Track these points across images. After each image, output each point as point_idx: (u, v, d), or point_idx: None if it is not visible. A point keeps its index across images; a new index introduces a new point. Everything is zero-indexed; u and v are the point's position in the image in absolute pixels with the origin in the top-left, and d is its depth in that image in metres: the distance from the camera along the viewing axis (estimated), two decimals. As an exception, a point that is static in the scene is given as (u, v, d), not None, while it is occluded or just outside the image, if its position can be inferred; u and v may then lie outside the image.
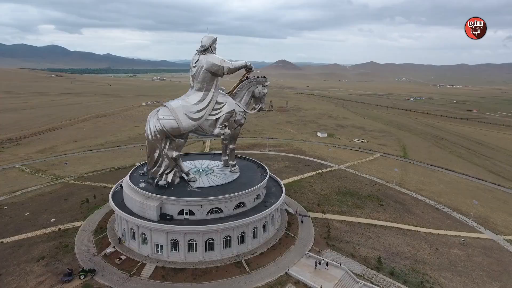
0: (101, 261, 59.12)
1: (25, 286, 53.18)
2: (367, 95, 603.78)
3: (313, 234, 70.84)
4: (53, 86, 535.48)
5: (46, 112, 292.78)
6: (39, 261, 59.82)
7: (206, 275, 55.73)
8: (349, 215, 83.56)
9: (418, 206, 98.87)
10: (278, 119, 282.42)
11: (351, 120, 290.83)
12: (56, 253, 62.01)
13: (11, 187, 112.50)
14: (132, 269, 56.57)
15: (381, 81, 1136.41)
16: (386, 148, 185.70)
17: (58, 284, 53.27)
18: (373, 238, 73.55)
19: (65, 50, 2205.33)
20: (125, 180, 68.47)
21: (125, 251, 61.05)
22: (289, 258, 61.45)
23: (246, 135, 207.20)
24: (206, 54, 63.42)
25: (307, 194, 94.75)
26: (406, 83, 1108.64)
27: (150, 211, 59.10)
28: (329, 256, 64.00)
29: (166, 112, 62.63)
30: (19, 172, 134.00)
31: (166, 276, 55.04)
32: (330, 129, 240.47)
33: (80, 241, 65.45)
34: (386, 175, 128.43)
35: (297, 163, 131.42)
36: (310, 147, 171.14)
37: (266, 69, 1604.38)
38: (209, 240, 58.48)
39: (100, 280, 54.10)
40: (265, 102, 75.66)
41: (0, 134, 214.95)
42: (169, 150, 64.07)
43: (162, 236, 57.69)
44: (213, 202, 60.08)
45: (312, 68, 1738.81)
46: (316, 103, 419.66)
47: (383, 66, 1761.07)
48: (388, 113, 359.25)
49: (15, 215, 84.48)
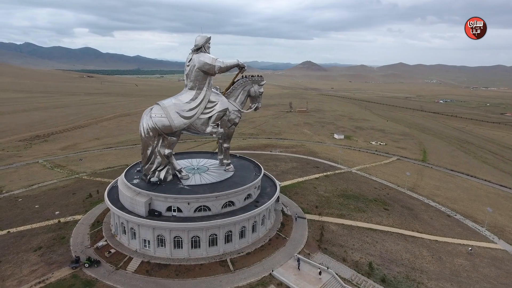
0: (92, 253, 61.06)
1: (19, 274, 55.95)
2: (394, 97, 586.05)
3: (306, 237, 69.38)
4: (84, 86, 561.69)
5: (74, 111, 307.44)
6: (36, 251, 62.78)
7: (189, 272, 56.07)
8: (349, 219, 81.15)
9: (428, 212, 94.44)
10: (296, 120, 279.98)
11: (372, 122, 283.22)
12: (53, 244, 64.84)
13: (30, 180, 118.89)
14: (119, 262, 58.02)
15: (410, 83, 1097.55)
16: (405, 151, 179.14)
17: (49, 273, 55.59)
18: (369, 243, 70.93)
19: (97, 52, 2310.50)
20: (121, 176, 70.39)
21: (115, 245, 62.72)
22: (276, 260, 60.53)
23: (261, 136, 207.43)
24: (199, 53, 63.98)
25: (308, 196, 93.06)
26: (436, 84, 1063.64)
27: (139, 207, 60.41)
28: (319, 259, 62.43)
29: (159, 110, 63.79)
30: (41, 167, 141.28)
31: (150, 271, 55.93)
32: (348, 131, 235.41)
33: (77, 234, 68.03)
34: (398, 179, 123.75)
35: (306, 164, 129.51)
36: (324, 149, 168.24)
37: (291, 71, 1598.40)
38: (195, 238, 58.81)
39: (88, 272, 55.89)
40: (261, 101, 74.99)
41: (30, 131, 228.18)
42: (161, 148, 65.20)
43: (149, 231, 58.76)
44: (200, 200, 60.39)
45: (338, 69, 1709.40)
46: (338, 105, 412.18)
47: (412, 67, 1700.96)
48: (414, 116, 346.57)
49: (26, 207, 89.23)
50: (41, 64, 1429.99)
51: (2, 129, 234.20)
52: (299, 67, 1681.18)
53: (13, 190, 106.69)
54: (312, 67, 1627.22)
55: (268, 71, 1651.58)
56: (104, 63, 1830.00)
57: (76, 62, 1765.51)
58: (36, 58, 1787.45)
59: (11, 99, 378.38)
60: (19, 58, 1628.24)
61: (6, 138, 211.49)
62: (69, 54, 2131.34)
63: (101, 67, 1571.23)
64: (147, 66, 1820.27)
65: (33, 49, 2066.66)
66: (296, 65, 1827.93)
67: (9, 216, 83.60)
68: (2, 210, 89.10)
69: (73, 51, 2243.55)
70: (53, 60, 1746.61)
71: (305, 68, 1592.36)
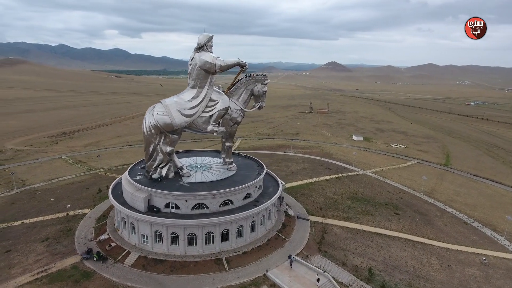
0: (94, 246, 62.97)
1: (24, 262, 58.67)
2: (421, 99, 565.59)
3: (307, 238, 68.04)
4: (111, 86, 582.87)
5: (100, 109, 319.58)
6: (43, 241, 65.62)
7: (184, 268, 56.47)
8: (355, 222, 78.83)
9: (443, 218, 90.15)
10: (315, 121, 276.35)
11: (394, 124, 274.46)
12: (59, 236, 67.51)
13: (51, 175, 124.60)
14: (118, 256, 59.43)
15: (439, 84, 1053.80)
16: (426, 155, 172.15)
17: (51, 263, 57.91)
18: (373, 248, 68.51)
19: (126, 53, 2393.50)
20: (126, 172, 72.15)
21: (116, 238, 64.33)
22: (272, 260, 59.73)
23: (278, 136, 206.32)
24: (200, 52, 64.38)
25: (315, 198, 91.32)
26: (468, 86, 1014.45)
27: (138, 202, 61.65)
28: (317, 262, 60.98)
29: (161, 108, 64.82)
30: (63, 163, 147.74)
31: (146, 266, 56.88)
32: (368, 132, 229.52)
33: (83, 227, 70.44)
34: (415, 183, 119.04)
35: (318, 165, 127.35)
36: (340, 151, 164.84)
37: (315, 71, 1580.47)
38: (191, 235, 59.21)
39: (87, 264, 57.66)
40: (265, 100, 74.21)
41: (57, 128, 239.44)
42: (163, 145, 66.20)
43: (147, 227, 59.77)
44: (198, 198, 60.71)
45: (364, 70, 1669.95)
46: (360, 106, 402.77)
47: (442, 68, 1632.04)
48: (440, 118, 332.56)
49: (42, 200, 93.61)
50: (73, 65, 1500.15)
51: (32, 125, 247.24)
52: (323, 67, 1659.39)
53: (34, 184, 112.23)
54: (336, 67, 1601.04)
55: (291, 72, 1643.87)
56: (132, 64, 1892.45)
57: (106, 63, 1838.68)
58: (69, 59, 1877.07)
59: (44, 97, 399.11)
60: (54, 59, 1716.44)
61: (35, 134, 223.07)
62: (100, 55, 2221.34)
63: (129, 67, 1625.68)
64: (173, 67, 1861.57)
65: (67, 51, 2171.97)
66: (320, 65, 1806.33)
67: (26, 208, 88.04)
68: (21, 202, 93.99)
69: (103, 52, 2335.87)
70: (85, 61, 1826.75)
71: (330, 69, 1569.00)
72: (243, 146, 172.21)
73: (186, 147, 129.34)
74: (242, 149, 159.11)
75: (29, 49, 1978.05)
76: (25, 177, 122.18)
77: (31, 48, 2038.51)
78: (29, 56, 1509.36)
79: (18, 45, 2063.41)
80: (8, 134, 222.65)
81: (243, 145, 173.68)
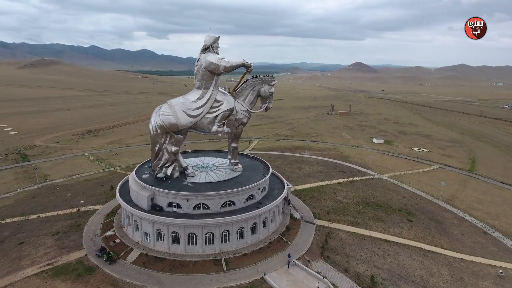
0: (100, 241, 64.90)
1: (34, 255, 61.40)
2: (451, 101, 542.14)
3: (310, 243, 66.73)
4: (137, 86, 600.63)
5: (125, 108, 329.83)
6: (54, 235, 68.41)
7: (183, 267, 56.97)
8: (363, 228, 76.45)
9: (460, 227, 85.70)
10: (336, 122, 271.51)
11: (419, 127, 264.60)
12: (69, 230, 70.15)
13: (72, 171, 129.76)
14: (121, 252, 60.89)
15: (471, 86, 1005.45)
16: (450, 159, 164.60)
17: (58, 256, 60.29)
18: (380, 255, 66.10)
19: (153, 54, 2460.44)
20: (133, 170, 73.86)
21: (121, 235, 65.95)
22: (272, 264, 59.02)
23: (296, 138, 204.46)
24: (206, 53, 64.81)
25: (325, 201, 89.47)
26: (503, 88, 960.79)
27: (142, 201, 62.93)
28: (319, 267, 59.62)
29: (166, 109, 65.85)
30: (85, 160, 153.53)
31: (147, 263, 57.90)
32: (390, 135, 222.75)
33: (92, 223, 72.84)
34: (434, 189, 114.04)
35: (332, 168, 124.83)
36: (358, 153, 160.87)
37: (340, 72, 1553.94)
38: (191, 234, 59.64)
39: (91, 259, 59.52)
40: (272, 102, 73.53)
41: (83, 126, 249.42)
42: (168, 145, 67.20)
43: (149, 225, 60.85)
44: (199, 198, 61.07)
45: (391, 70, 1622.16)
46: (384, 108, 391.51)
47: (475, 69, 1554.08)
48: (470, 121, 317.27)
49: (60, 195, 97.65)
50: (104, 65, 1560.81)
51: (61, 123, 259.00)
52: (348, 68, 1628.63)
53: (55, 179, 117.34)
54: (362, 68, 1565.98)
55: (316, 72, 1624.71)
56: (159, 64, 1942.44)
57: (134, 63, 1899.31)
58: (100, 59, 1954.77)
59: (74, 97, 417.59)
60: (85, 60, 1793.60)
61: (62, 132, 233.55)
62: (129, 56, 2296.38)
63: (156, 68, 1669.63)
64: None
65: (98, 52, 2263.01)
66: (345, 66, 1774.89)
67: (44, 202, 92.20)
68: (41, 196, 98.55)
69: (132, 53, 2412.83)
70: (114, 61, 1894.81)
71: (355, 70, 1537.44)
72: (259, 146, 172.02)
73: (203, 147, 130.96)
74: (257, 150, 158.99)
75: (63, 50, 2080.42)
76: (49, 173, 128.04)
77: (65, 49, 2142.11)
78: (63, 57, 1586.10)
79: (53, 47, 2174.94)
80: (38, 131, 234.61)
81: (259, 146, 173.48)
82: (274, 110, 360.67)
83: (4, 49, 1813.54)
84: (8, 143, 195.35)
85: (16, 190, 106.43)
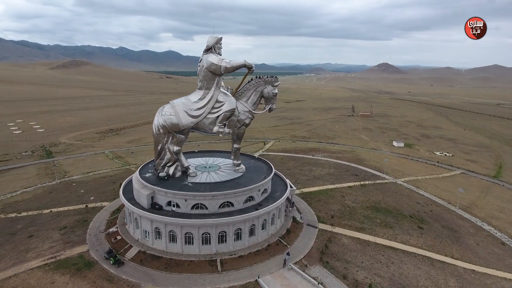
0: (102, 238, 66.61)
1: (40, 248, 63.89)
2: (483, 104, 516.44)
3: (310, 247, 65.26)
4: (161, 86, 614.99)
5: (147, 108, 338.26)
6: (61, 230, 70.94)
7: (178, 266, 57.32)
8: (368, 233, 73.89)
9: (476, 237, 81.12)
10: (355, 125, 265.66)
11: (444, 130, 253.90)
12: (75, 226, 72.48)
13: (90, 168, 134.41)
14: (120, 249, 62.14)
15: (506, 88, 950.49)
16: (474, 165, 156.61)
17: (62, 250, 62.40)
18: (383, 263, 63.60)
19: (179, 55, 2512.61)
20: (138, 169, 75.32)
21: (123, 232, 67.35)
22: (268, 267, 58.21)
23: (312, 139, 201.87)
24: (208, 54, 64.99)
25: (331, 205, 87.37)
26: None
27: (142, 199, 64.00)
28: (316, 273, 58.14)
29: (169, 109, 66.68)
30: (104, 157, 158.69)
31: (144, 261, 58.75)
32: (411, 138, 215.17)
33: (97, 219, 74.95)
34: (453, 195, 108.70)
35: (344, 171, 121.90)
36: (375, 156, 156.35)
37: (365, 73, 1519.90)
38: (188, 234, 59.90)
39: (92, 254, 61.18)
40: (276, 102, 72.69)
41: (107, 125, 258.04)
42: (171, 145, 67.96)
43: (148, 223, 61.71)
44: (197, 198, 61.24)
45: (419, 71, 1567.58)
46: (409, 110, 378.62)
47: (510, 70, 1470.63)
48: (501, 125, 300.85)
49: (74, 191, 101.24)
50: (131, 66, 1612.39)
51: (85, 122, 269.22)
52: (374, 69, 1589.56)
53: (73, 176, 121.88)
54: (388, 69, 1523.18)
55: (340, 73, 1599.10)
56: (184, 65, 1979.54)
57: (160, 64, 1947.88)
58: (128, 60, 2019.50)
59: (100, 96, 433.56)
60: (114, 61, 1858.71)
61: (86, 130, 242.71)
62: (155, 57, 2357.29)
63: (181, 68, 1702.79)
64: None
65: (126, 53, 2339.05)
66: (371, 67, 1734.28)
67: (58, 198, 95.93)
68: (57, 192, 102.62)
69: (158, 54, 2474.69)
70: (141, 62, 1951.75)
71: (381, 70, 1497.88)
72: (274, 148, 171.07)
73: (219, 147, 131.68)
74: (271, 151, 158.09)
75: (93, 51, 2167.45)
76: (68, 169, 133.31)
77: (95, 50, 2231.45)
78: (93, 58, 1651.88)
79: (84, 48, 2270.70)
80: (64, 129, 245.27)
81: (274, 147, 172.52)
82: (293, 111, 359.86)
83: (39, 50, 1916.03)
84: (36, 140, 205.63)
85: (36, 185, 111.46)
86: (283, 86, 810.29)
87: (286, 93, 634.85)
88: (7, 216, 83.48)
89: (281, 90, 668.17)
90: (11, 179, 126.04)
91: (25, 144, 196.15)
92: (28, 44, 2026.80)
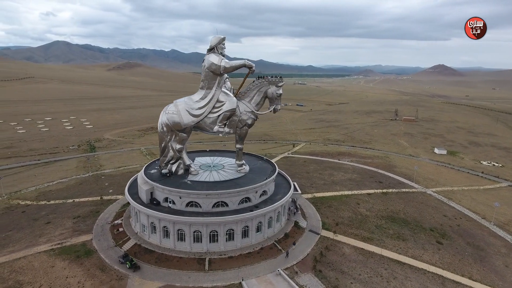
0: (107, 229, 70.13)
1: (52, 234, 69.03)
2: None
3: (306, 254, 62.59)
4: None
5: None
6: (74, 218, 76.05)
7: (167, 262, 58.33)
8: (375, 245, 68.91)
9: (506, 258, 72.07)
10: (396, 129, 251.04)
11: (499, 138, 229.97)
12: (88, 215, 77.24)
13: (122, 163, 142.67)
14: (120, 241, 64.88)
15: None
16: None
17: (69, 238, 66.80)
18: (383, 277, 58.90)
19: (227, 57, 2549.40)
20: (145, 166, 78.27)
21: (126, 225, 70.29)
22: (256, 270, 56.86)
23: (346, 143, 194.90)
24: (209, 54, 65.57)
25: (342, 212, 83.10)
26: None
27: (142, 194, 66.34)
28: (306, 281, 55.54)
29: (172, 108, 68.33)
30: (139, 153, 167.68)
31: (137, 254, 60.68)
32: (457, 146, 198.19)
33: (108, 211, 79.12)
34: (490, 210, 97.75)
35: (368, 177, 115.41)
36: (408, 163, 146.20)
37: (418, 75, 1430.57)
38: (180, 231, 60.71)
39: (94, 243, 64.63)
40: (281, 103, 71.03)
41: (148, 123, 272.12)
42: (173, 143, 69.57)
43: (145, 218, 63.68)
44: (191, 196, 61.87)
45: (480, 74, 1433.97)
46: (461, 115, 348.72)
47: None
48: None
49: (101, 184, 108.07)
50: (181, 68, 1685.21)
51: (130, 120, 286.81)
52: (428, 71, 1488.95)
53: (105, 170, 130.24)
54: (444, 71, 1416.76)
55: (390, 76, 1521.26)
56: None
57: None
58: (179, 62, 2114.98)
59: (146, 96, 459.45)
60: (165, 63, 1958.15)
61: (129, 127, 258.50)
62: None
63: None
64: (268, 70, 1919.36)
65: (177, 55, 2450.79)
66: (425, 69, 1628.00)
67: (85, 189, 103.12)
68: (86, 183, 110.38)
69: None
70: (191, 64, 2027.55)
71: (436, 73, 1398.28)
72: (302, 150, 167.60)
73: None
74: (297, 154, 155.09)
75: (147, 54, 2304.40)
76: (104, 163, 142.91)
77: (149, 53, 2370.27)
78: (147, 61, 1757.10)
79: (139, 51, 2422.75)
80: (110, 126, 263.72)
81: (302, 150, 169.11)
82: (333, 113, 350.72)
83: (100, 53, 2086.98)
84: (83, 135, 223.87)
85: (71, 177, 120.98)
86: (328, 88, 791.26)
87: (331, 95, 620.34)
88: (38, 203, 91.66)
89: (326, 92, 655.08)
90: (53, 169, 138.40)
91: (74, 138, 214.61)
92: (91, 47, 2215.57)
